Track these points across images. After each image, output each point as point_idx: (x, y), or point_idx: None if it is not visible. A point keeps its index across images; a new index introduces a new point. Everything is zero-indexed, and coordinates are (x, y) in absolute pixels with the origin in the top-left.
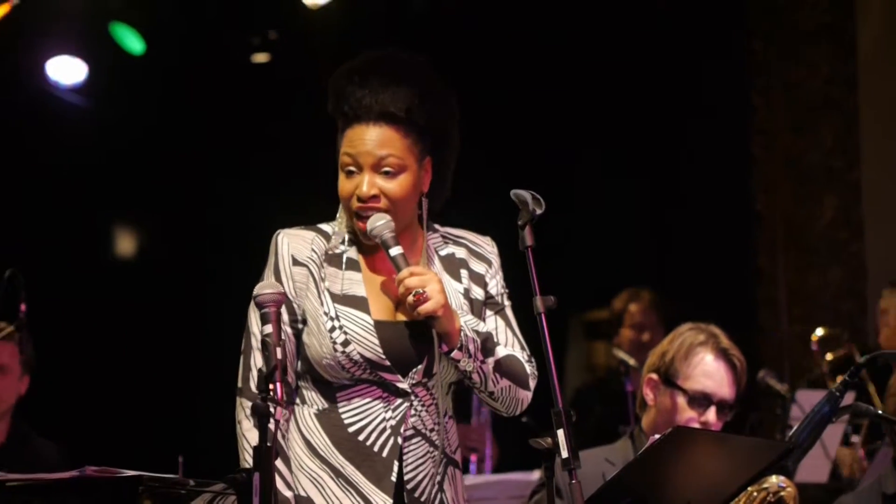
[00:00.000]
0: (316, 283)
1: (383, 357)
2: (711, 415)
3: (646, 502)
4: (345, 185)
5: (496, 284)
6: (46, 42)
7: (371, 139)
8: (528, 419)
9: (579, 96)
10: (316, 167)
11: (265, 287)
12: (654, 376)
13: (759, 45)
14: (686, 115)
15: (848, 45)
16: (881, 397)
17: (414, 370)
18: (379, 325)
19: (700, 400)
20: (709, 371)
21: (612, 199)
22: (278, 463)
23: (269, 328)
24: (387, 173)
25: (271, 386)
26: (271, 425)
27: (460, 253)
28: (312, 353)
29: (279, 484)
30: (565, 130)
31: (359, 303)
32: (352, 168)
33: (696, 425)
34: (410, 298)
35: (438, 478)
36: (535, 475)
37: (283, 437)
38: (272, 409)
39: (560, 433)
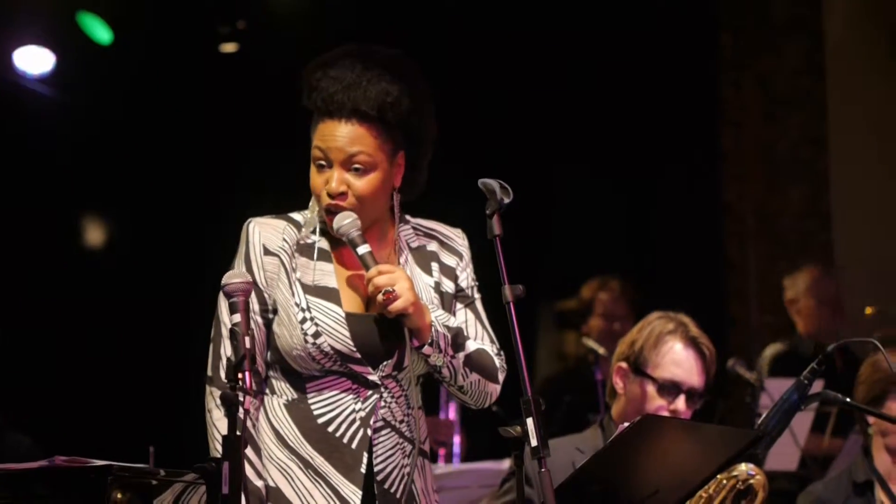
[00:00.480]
0: (287, 274)
1: (354, 349)
2: (681, 403)
3: (615, 490)
4: (315, 178)
5: (466, 277)
6: (13, 32)
7: (342, 135)
8: (497, 408)
9: (550, 90)
10: (286, 157)
11: (233, 276)
12: (624, 365)
13: (728, 38)
14: (657, 108)
15: (816, 37)
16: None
17: (384, 363)
18: (350, 317)
19: (669, 388)
20: (678, 359)
21: (584, 190)
22: (249, 452)
23: (237, 317)
24: (357, 170)
25: (240, 375)
26: (240, 414)
27: (431, 245)
28: (283, 344)
29: (250, 473)
30: (539, 123)
31: (330, 294)
32: (322, 162)
33: (666, 413)
34: (380, 297)
35: (407, 469)
36: (506, 464)
37: (254, 426)
38: (241, 399)
39: (529, 422)
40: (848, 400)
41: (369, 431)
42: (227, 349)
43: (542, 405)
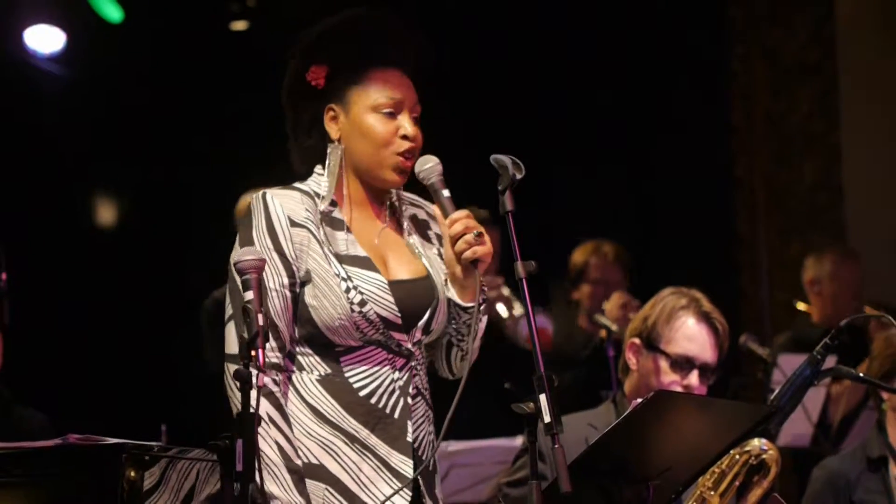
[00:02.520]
0: (319, 244)
1: (398, 315)
2: (694, 378)
3: (628, 466)
4: (384, 125)
5: None
6: (24, 10)
7: (405, 84)
8: (510, 385)
9: (558, 64)
10: None
11: (246, 253)
12: (637, 340)
13: (738, 11)
14: (666, 81)
15: (826, 9)
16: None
17: (414, 328)
18: (392, 284)
19: (682, 363)
20: (691, 334)
21: (592, 165)
22: (284, 430)
23: (250, 294)
24: (415, 119)
25: (253, 353)
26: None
27: (421, 214)
28: (322, 316)
29: (289, 452)
30: (546, 97)
31: (365, 262)
32: (391, 110)
33: (679, 389)
34: (471, 237)
35: (431, 437)
36: (519, 441)
37: (283, 405)
38: (255, 376)
39: (542, 398)
40: (861, 375)
41: (409, 400)
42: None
43: (554, 382)
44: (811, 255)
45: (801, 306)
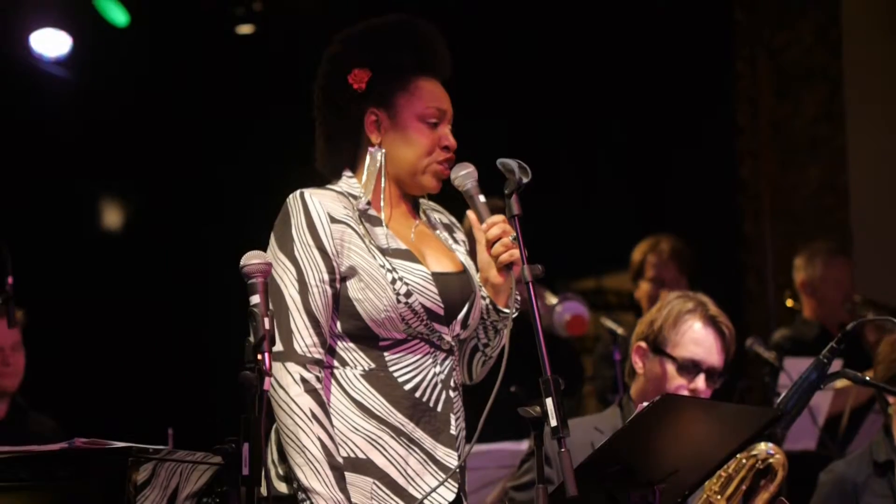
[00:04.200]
0: (361, 239)
1: (442, 307)
2: (701, 382)
3: (634, 470)
4: (429, 135)
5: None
6: (30, 15)
7: (444, 94)
8: (516, 388)
9: (564, 66)
10: (301, 137)
11: (252, 257)
12: (643, 344)
13: (743, 14)
14: (671, 84)
15: (832, 12)
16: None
17: (454, 321)
18: (434, 275)
19: (689, 367)
20: (697, 338)
21: (599, 170)
22: (327, 427)
23: (256, 298)
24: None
25: (259, 356)
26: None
27: (444, 219)
28: (367, 308)
29: (331, 449)
30: (552, 99)
31: (407, 255)
32: (436, 120)
33: (686, 393)
34: (507, 240)
35: (465, 432)
36: (524, 445)
37: (327, 402)
38: (261, 380)
39: (549, 402)
40: (868, 378)
41: (451, 393)
42: (298, 321)
43: (561, 385)
44: (800, 255)
45: (789, 303)
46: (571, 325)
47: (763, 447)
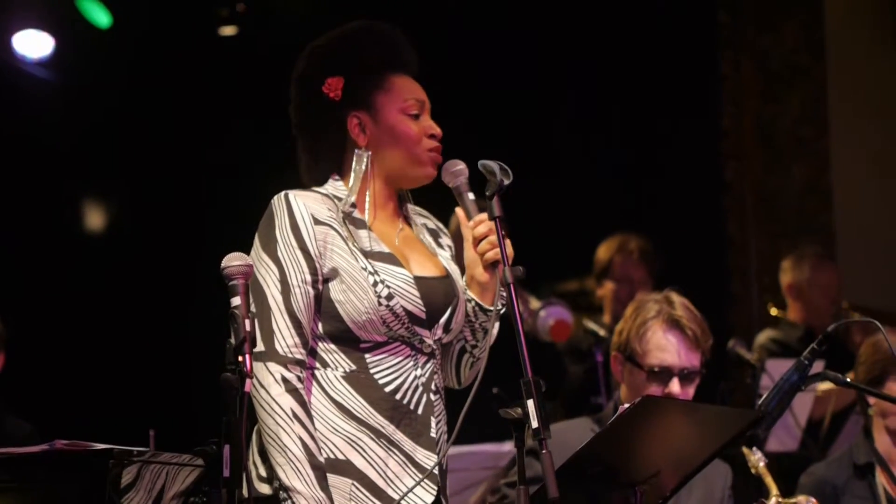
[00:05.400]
0: (344, 241)
1: (423, 310)
2: (675, 386)
3: (616, 471)
4: (413, 126)
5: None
6: (12, 16)
7: (418, 86)
8: (498, 390)
9: (549, 67)
10: (284, 138)
11: (233, 259)
12: (618, 354)
13: (727, 16)
14: (656, 86)
15: (816, 14)
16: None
17: (436, 324)
18: (416, 279)
19: (659, 374)
20: (662, 344)
21: (583, 169)
22: (308, 428)
23: (237, 300)
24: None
25: (240, 358)
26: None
27: (430, 224)
28: (348, 310)
29: (313, 449)
30: (538, 99)
31: (389, 258)
32: (417, 112)
33: None
34: (494, 238)
35: (446, 435)
36: (506, 446)
37: (307, 402)
38: (242, 382)
39: (530, 403)
40: (848, 380)
41: (432, 396)
42: (280, 322)
43: (542, 386)
44: (787, 259)
45: (774, 311)
46: (555, 331)
47: (803, 499)
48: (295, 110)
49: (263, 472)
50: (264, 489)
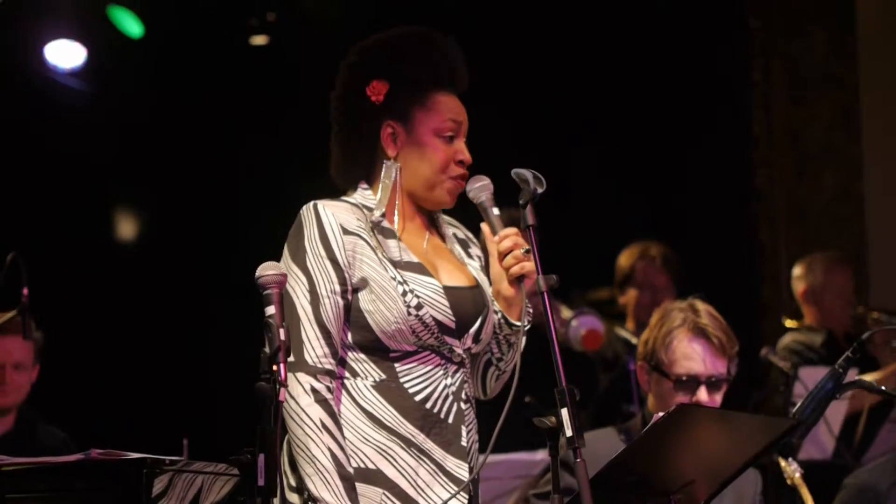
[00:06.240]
0: (373, 250)
1: (453, 319)
2: (703, 394)
3: (650, 480)
4: (445, 150)
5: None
6: (45, 26)
7: (461, 108)
8: (531, 398)
9: (579, 74)
10: (314, 147)
11: (267, 268)
12: (644, 364)
13: (758, 22)
14: (686, 92)
15: (847, 19)
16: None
17: (466, 334)
18: (446, 288)
19: (687, 383)
20: (688, 353)
21: (613, 176)
22: (337, 438)
23: (271, 309)
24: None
25: (275, 367)
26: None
27: (460, 234)
28: (378, 320)
29: (342, 460)
30: (566, 107)
31: (419, 268)
32: (452, 134)
33: None
34: (519, 253)
35: (477, 445)
36: (539, 455)
37: (337, 412)
38: (277, 391)
39: (564, 412)
40: (883, 388)
41: (462, 405)
42: (309, 332)
43: (576, 395)
44: (798, 266)
45: (789, 323)
46: (587, 340)
47: None
48: (336, 100)
49: (294, 482)
50: (294, 499)
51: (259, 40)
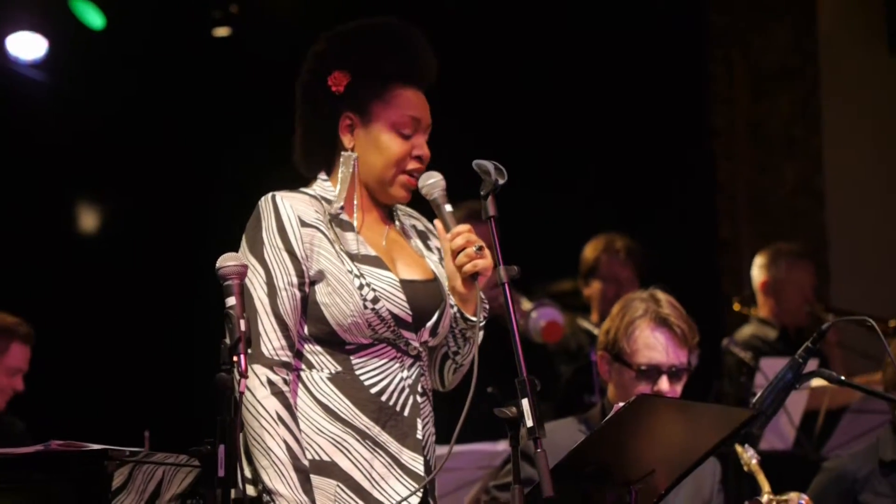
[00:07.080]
0: (331, 243)
1: (409, 313)
2: (664, 384)
3: (611, 470)
4: (400, 145)
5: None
6: (6, 18)
7: (423, 104)
8: (493, 389)
9: (538, 69)
10: (277, 139)
11: (228, 259)
12: (605, 354)
13: (718, 16)
14: (646, 87)
15: (808, 13)
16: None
17: (423, 328)
18: (403, 282)
19: (648, 372)
20: (650, 343)
21: (576, 171)
22: (293, 430)
23: (232, 300)
24: (426, 138)
25: (235, 358)
26: (236, 396)
27: (419, 226)
28: (334, 313)
29: (297, 452)
30: (530, 99)
31: (376, 261)
32: (410, 131)
33: None
34: (471, 250)
35: (433, 437)
36: (501, 446)
37: (294, 404)
38: (237, 382)
39: (525, 402)
40: (843, 378)
41: (418, 398)
42: (266, 324)
43: (537, 386)
44: (761, 256)
45: (737, 307)
46: (546, 332)
47: (794, 496)
48: (299, 87)
49: (249, 474)
50: (249, 490)
51: (222, 32)
